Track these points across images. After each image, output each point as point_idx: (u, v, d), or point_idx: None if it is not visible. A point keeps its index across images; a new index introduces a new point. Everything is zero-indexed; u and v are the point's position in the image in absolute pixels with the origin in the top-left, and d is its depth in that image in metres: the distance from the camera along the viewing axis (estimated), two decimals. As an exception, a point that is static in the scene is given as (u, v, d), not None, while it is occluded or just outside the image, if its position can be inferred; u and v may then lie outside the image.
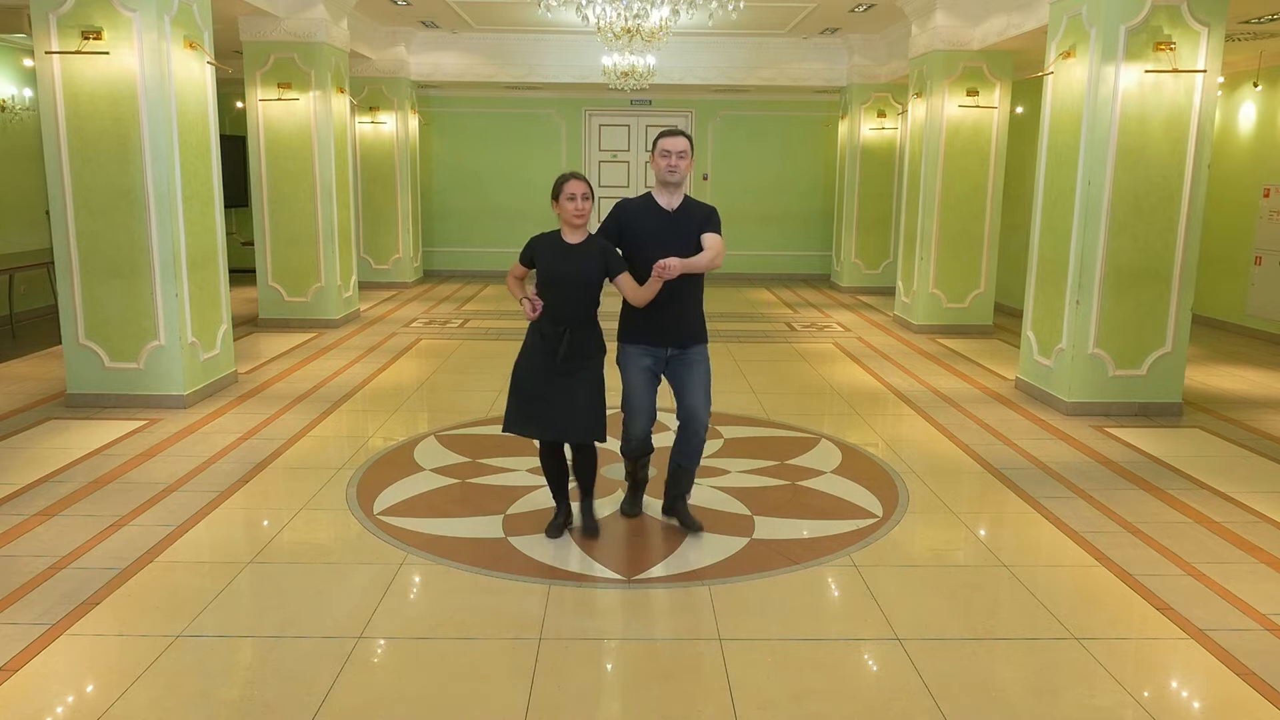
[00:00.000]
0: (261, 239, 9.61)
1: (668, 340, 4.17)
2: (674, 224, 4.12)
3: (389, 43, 12.32)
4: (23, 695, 2.99)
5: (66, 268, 6.33)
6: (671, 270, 3.82)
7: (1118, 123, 6.26)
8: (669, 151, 4.08)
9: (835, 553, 4.16)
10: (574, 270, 4.03)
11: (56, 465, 5.20)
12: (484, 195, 14.65)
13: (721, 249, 4.09)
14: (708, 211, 4.19)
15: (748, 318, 10.90)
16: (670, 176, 4.09)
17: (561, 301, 4.05)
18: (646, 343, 4.17)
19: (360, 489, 4.90)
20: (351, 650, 3.28)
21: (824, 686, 3.10)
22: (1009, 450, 5.76)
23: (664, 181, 4.13)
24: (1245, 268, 10.00)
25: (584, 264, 4.03)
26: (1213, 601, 3.72)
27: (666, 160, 4.08)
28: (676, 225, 4.12)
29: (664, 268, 3.81)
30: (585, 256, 4.04)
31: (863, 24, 11.43)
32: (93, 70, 6.10)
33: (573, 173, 4.08)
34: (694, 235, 4.10)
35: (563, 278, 4.04)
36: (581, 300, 4.06)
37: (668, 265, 3.81)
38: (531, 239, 4.18)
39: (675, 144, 4.09)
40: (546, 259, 4.09)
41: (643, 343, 4.18)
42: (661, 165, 4.10)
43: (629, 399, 4.21)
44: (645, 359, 4.19)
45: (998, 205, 9.76)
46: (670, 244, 4.01)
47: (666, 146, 4.09)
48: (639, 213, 4.17)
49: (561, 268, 4.05)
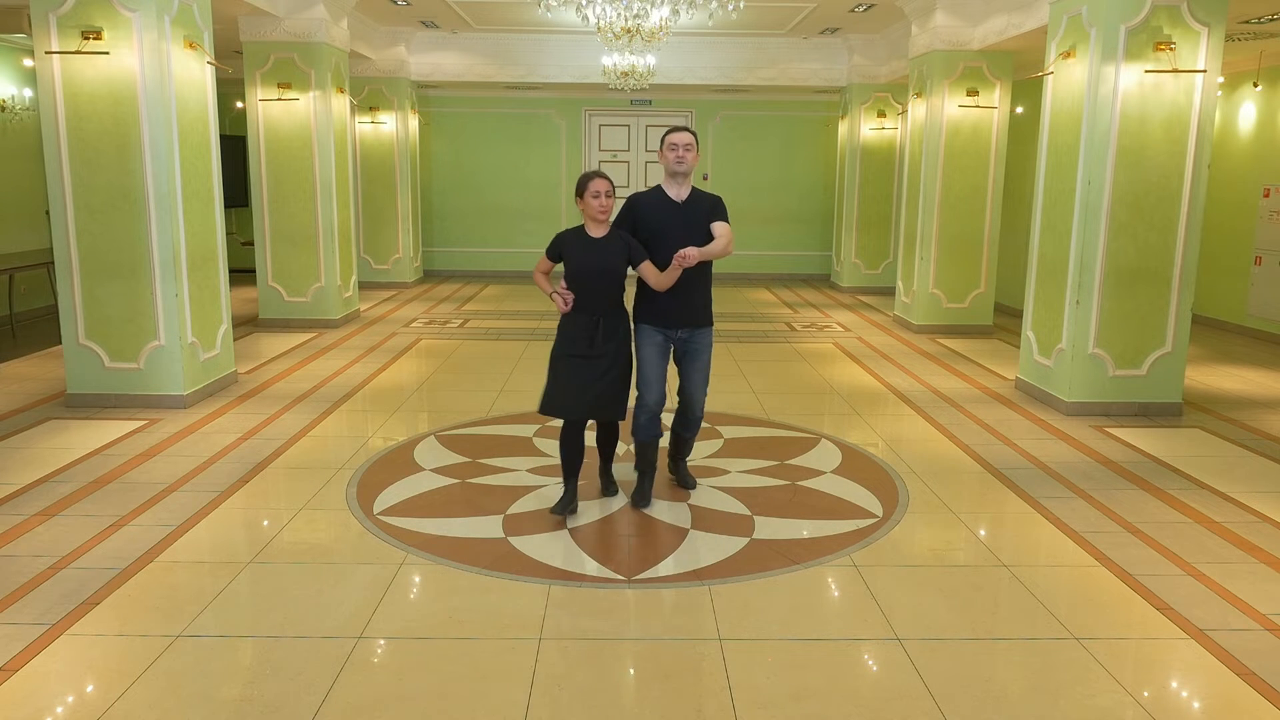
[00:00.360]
0: (261, 239, 9.61)
1: (680, 322, 4.53)
2: (684, 213, 4.47)
3: (389, 43, 12.32)
4: (23, 695, 2.99)
5: (66, 268, 6.33)
6: (690, 259, 4.20)
7: (1118, 123, 6.26)
8: (676, 145, 4.44)
9: (835, 553, 4.16)
10: (601, 262, 4.36)
11: (56, 465, 5.20)
12: (484, 195, 14.65)
13: (731, 236, 4.47)
14: (714, 200, 4.53)
15: (748, 318, 10.90)
16: (679, 167, 4.44)
17: (591, 292, 4.37)
18: (660, 325, 4.54)
19: (360, 489, 4.90)
20: (351, 650, 3.28)
21: (824, 686, 3.10)
22: (1009, 450, 5.76)
23: (673, 173, 4.47)
24: (1245, 268, 10.00)
25: (610, 256, 4.37)
26: (1213, 601, 3.72)
27: (675, 153, 4.44)
28: (687, 214, 4.46)
29: (684, 257, 4.19)
30: (610, 249, 4.39)
31: (863, 24, 11.43)
32: (93, 70, 6.10)
33: (596, 171, 4.43)
34: (703, 223, 4.45)
35: (591, 270, 4.36)
36: (609, 289, 4.40)
37: (687, 254, 4.19)
38: (558, 235, 4.49)
39: (682, 138, 4.46)
40: (574, 254, 4.40)
41: (656, 324, 4.54)
42: (670, 158, 4.45)
43: (643, 372, 4.57)
44: (658, 336, 4.56)
45: (998, 205, 9.76)
46: (682, 233, 4.39)
47: (674, 140, 4.46)
48: (651, 205, 4.50)
49: (589, 261, 4.36)
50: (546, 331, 9.66)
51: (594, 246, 4.38)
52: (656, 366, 4.57)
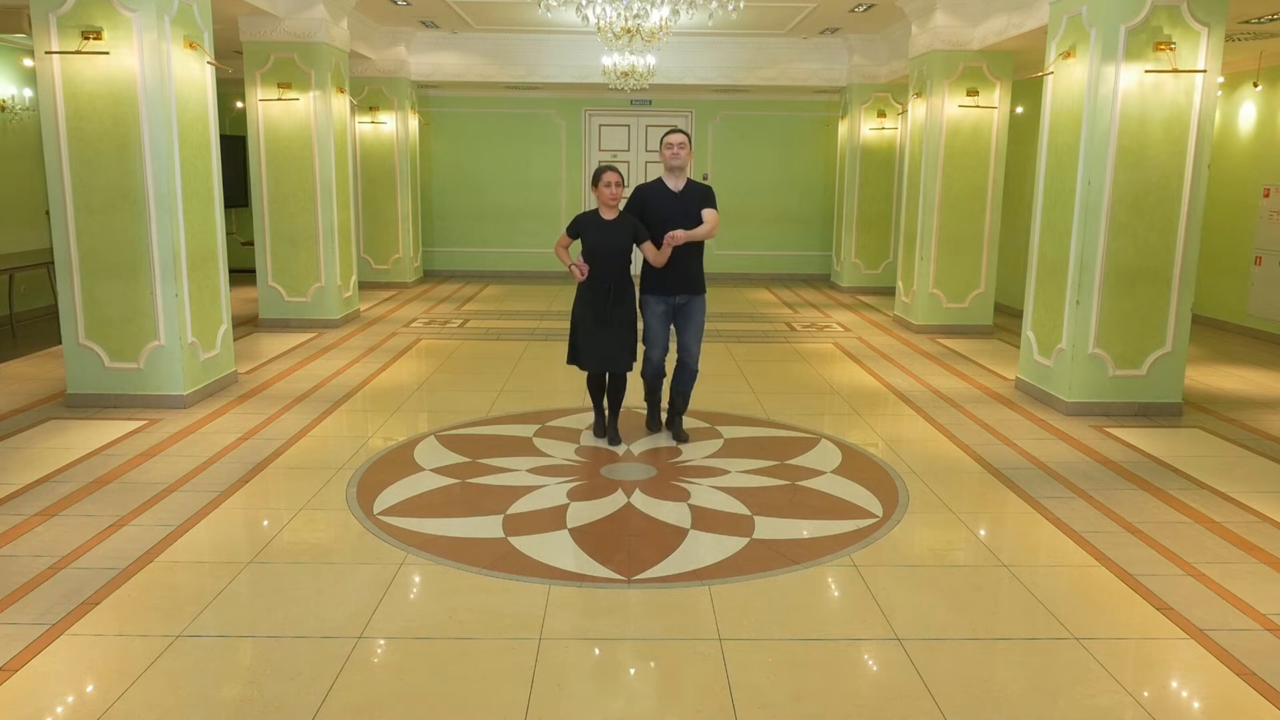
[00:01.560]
0: (261, 239, 9.61)
1: (677, 289, 5.54)
2: (681, 201, 5.48)
3: (389, 43, 12.32)
4: (23, 695, 2.99)
5: (66, 268, 6.33)
6: (678, 239, 5.27)
7: (1118, 123, 6.26)
8: (671, 144, 5.50)
9: (835, 553, 4.16)
10: (612, 240, 5.38)
11: (56, 465, 5.20)
12: (484, 195, 14.65)
13: (717, 220, 5.52)
14: (705, 190, 5.60)
15: (748, 318, 10.90)
16: (674, 162, 5.49)
17: (604, 265, 5.38)
18: (661, 293, 5.55)
19: (360, 489, 4.90)
20: (351, 650, 3.28)
21: (824, 686, 3.10)
22: (1009, 450, 5.76)
23: (670, 167, 5.53)
24: (1245, 268, 10.00)
25: (619, 235, 5.38)
26: (1213, 601, 3.72)
27: (670, 151, 5.50)
28: (682, 202, 5.48)
29: (673, 238, 5.26)
30: (620, 230, 5.39)
31: (863, 24, 11.43)
32: (93, 70, 6.10)
33: (609, 165, 5.50)
34: (697, 209, 5.47)
35: (604, 246, 5.38)
36: (618, 263, 5.41)
37: (674, 236, 5.26)
38: (576, 216, 5.52)
39: (676, 139, 5.51)
40: (590, 233, 5.42)
41: (659, 293, 5.56)
42: (666, 155, 5.52)
43: (648, 334, 5.63)
44: (660, 305, 5.58)
45: (998, 205, 9.76)
46: (679, 217, 5.41)
47: (670, 141, 5.52)
48: (653, 194, 5.55)
49: (603, 240, 5.39)
50: (547, 331, 9.66)
51: (606, 228, 5.39)
52: (660, 332, 5.60)
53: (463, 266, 14.74)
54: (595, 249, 5.39)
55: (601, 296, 5.37)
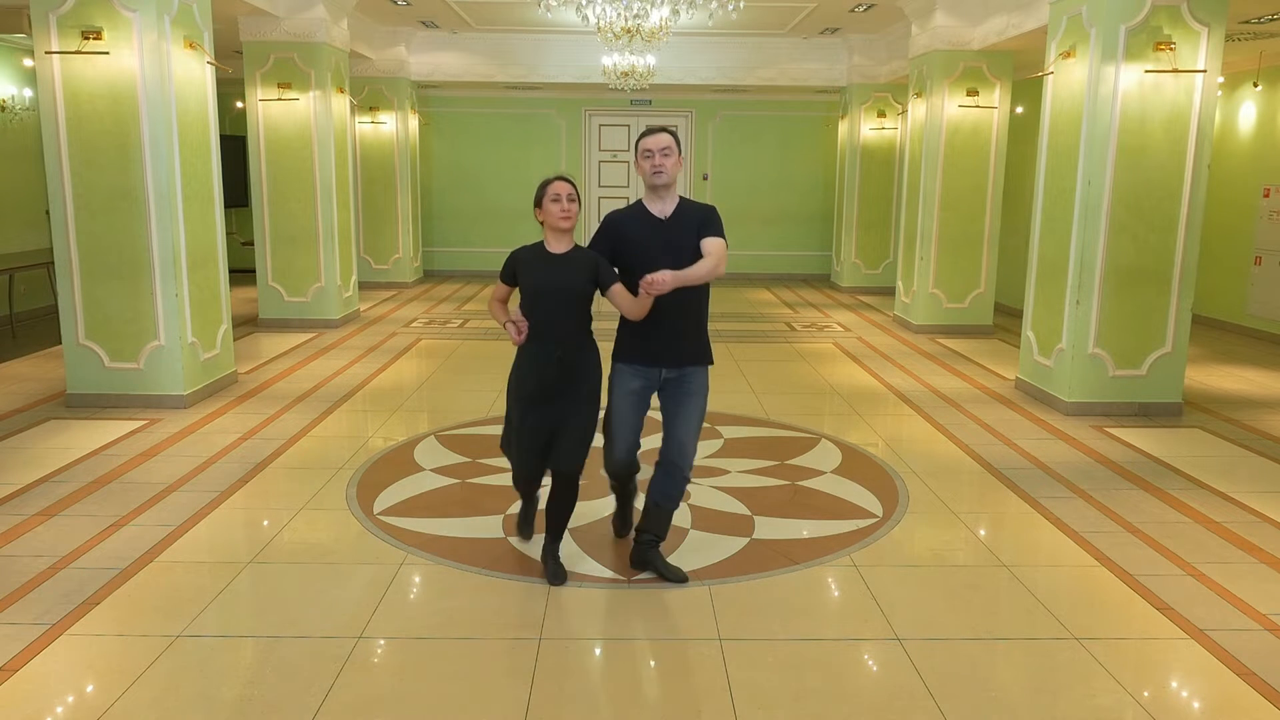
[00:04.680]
0: (261, 239, 9.61)
1: (663, 360, 3.71)
2: (667, 232, 3.65)
3: (389, 43, 12.32)
4: (23, 695, 2.99)
5: (66, 268, 6.32)
6: (661, 285, 3.36)
7: (1118, 123, 6.26)
8: (651, 151, 3.62)
9: (835, 553, 4.16)
10: (561, 281, 3.63)
11: (56, 465, 5.20)
12: (484, 195, 14.65)
13: (723, 255, 3.60)
14: (706, 213, 3.69)
15: (748, 318, 10.90)
16: (656, 179, 3.62)
17: (548, 317, 3.64)
18: (639, 362, 3.73)
19: (360, 489, 4.90)
20: (351, 650, 3.28)
21: (824, 686, 3.10)
22: (1009, 450, 5.76)
23: (652, 185, 3.66)
24: (1245, 268, 10.00)
25: (571, 274, 3.63)
26: (1213, 601, 3.72)
27: (650, 161, 3.62)
28: (670, 233, 3.64)
29: (651, 283, 3.35)
30: (573, 266, 3.65)
31: (863, 24, 11.43)
32: (93, 70, 6.09)
33: (556, 175, 3.74)
34: (691, 242, 3.61)
35: (549, 290, 3.64)
36: (570, 315, 3.66)
37: (655, 280, 3.35)
38: (511, 253, 3.77)
39: (656, 141, 3.62)
40: (530, 271, 3.68)
41: (635, 362, 3.74)
42: (646, 168, 3.63)
43: (609, 423, 3.82)
44: (635, 381, 3.75)
45: (998, 205, 9.76)
46: (663, 255, 3.55)
47: (648, 146, 3.63)
48: (628, 222, 3.72)
49: (547, 279, 3.64)
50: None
51: (553, 263, 3.65)
52: (627, 423, 3.78)
53: (463, 266, 14.73)
54: (538, 292, 3.65)
55: (542, 365, 3.66)
